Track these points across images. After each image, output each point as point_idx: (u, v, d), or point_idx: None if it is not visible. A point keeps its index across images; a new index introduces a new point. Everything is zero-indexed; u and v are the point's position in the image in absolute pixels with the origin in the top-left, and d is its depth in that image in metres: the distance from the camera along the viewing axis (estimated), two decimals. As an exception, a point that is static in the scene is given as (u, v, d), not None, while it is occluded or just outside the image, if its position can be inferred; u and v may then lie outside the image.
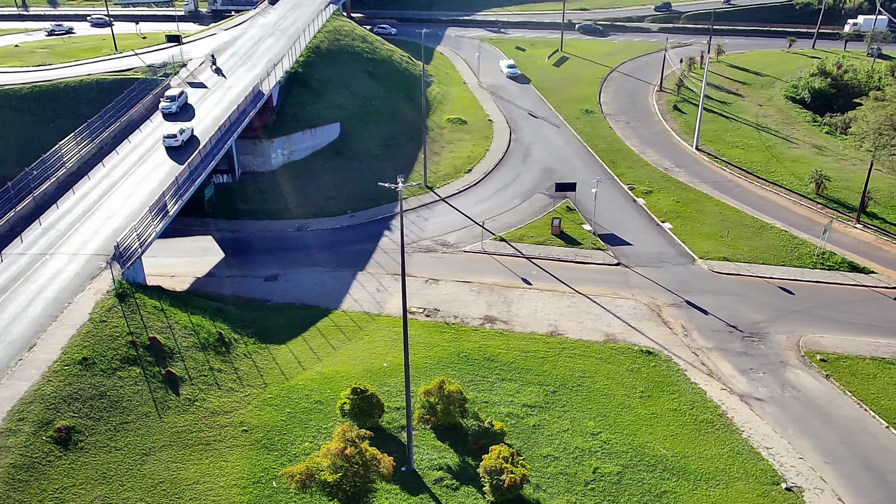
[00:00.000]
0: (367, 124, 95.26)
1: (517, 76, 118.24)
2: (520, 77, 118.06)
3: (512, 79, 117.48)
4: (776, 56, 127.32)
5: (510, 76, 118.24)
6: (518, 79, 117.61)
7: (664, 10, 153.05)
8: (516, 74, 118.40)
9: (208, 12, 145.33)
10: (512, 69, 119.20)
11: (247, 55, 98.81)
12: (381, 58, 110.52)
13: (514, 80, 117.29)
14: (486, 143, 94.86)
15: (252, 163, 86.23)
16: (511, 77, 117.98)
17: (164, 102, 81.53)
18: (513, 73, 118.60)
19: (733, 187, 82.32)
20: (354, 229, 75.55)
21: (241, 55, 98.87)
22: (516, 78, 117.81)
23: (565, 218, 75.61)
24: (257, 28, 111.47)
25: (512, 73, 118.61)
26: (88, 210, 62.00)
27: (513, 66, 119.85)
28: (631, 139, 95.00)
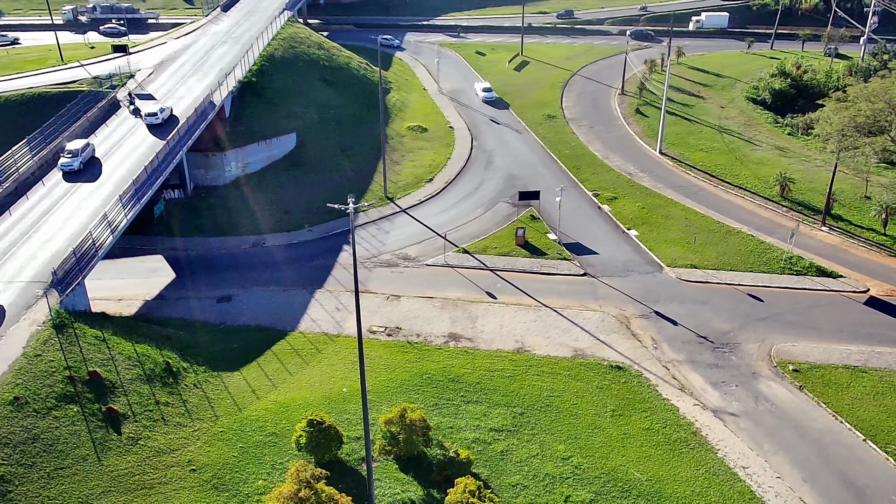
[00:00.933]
0: (325, 134, 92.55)
1: (494, 101, 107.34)
2: (498, 102, 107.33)
3: (489, 104, 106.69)
4: (736, 57, 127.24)
5: (487, 101, 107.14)
6: (496, 104, 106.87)
7: (567, 17, 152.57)
8: (493, 99, 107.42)
9: (87, 20, 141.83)
10: (488, 93, 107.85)
11: (198, 64, 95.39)
12: (339, 65, 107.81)
13: (491, 104, 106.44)
14: (448, 150, 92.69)
15: (205, 177, 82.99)
16: (488, 102, 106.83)
17: (64, 158, 68.49)
18: (489, 97, 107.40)
19: (698, 191, 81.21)
20: (312, 244, 72.78)
21: (193, 64, 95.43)
22: (494, 103, 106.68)
23: (530, 227, 73.73)
24: (209, 36, 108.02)
25: (488, 97, 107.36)
26: (26, 233, 58.39)
27: (489, 90, 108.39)
28: (594, 144, 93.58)
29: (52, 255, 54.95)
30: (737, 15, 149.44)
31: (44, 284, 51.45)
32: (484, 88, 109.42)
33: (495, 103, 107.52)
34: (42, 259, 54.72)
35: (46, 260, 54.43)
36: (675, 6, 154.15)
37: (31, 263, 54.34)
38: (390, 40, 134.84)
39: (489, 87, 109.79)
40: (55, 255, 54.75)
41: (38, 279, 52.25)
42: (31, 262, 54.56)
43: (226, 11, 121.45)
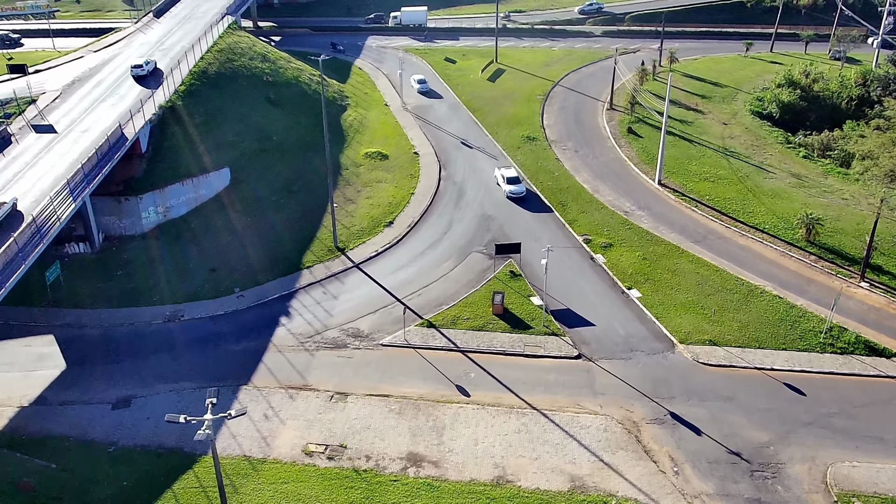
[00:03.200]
0: (266, 166, 78.49)
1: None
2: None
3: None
4: (732, 62, 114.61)
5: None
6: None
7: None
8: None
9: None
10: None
11: (115, 85, 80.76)
12: (286, 80, 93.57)
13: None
14: (412, 183, 79.04)
15: (117, 225, 68.77)
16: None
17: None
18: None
19: (707, 234, 68.39)
20: (242, 316, 58.98)
21: (108, 85, 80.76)
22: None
23: (509, 288, 60.53)
24: (135, 48, 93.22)
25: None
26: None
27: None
28: (581, 173, 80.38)
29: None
30: (730, 13, 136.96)
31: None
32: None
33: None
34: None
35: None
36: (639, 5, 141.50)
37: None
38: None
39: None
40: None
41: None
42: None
43: (159, 17, 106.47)
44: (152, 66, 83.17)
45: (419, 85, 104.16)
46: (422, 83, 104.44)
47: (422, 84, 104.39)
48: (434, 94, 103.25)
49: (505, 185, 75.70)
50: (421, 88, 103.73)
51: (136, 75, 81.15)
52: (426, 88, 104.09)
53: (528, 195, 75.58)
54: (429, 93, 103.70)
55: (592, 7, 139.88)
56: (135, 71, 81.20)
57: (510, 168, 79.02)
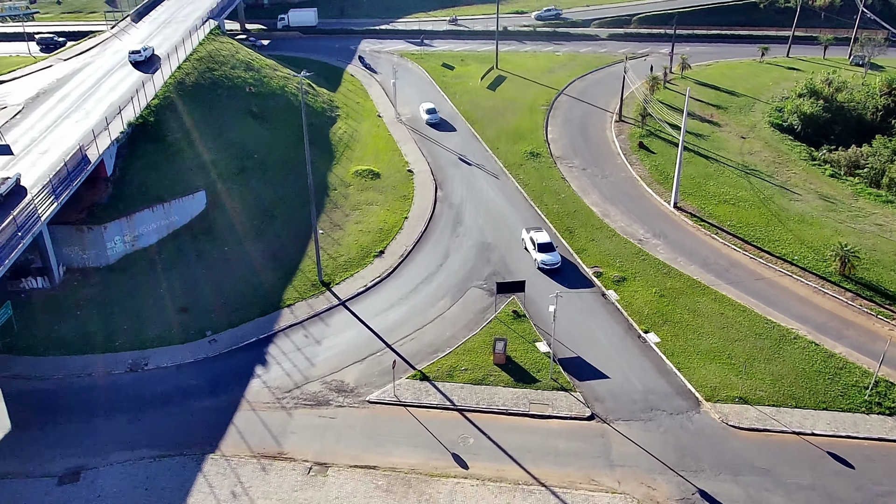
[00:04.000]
0: (246, 188, 72.10)
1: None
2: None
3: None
4: (747, 67, 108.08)
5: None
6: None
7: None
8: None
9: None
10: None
11: (83, 98, 74.29)
12: (271, 90, 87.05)
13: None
14: (405, 205, 72.61)
15: (80, 257, 62.33)
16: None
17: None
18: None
19: (730, 267, 61.99)
20: (213, 365, 52.58)
21: (75, 99, 74.24)
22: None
23: (512, 332, 54.21)
24: (109, 56, 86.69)
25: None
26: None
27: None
28: (590, 194, 73.93)
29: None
30: (742, 14, 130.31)
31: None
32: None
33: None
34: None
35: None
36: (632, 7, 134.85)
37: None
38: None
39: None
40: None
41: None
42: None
43: (137, 22, 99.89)
44: (150, 53, 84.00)
45: (428, 115, 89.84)
46: (431, 113, 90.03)
47: (431, 114, 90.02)
48: (446, 126, 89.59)
49: (535, 252, 62.05)
50: (430, 119, 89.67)
51: (134, 61, 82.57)
52: (436, 119, 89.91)
53: (532, 213, 69.22)
54: (439, 124, 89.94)
55: (550, 13, 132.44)
56: (132, 57, 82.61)
57: (541, 231, 64.25)
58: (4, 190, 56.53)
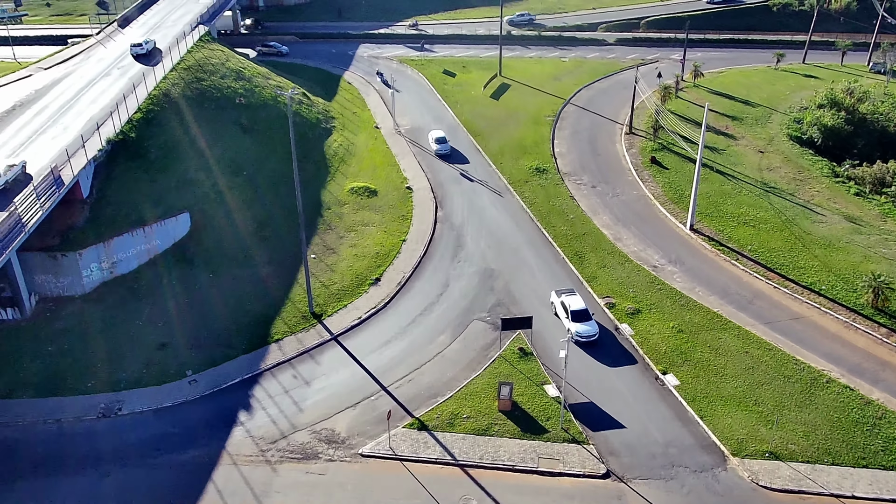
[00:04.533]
0: (234, 207, 67.64)
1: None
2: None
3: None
4: (763, 75, 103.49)
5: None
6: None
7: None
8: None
9: None
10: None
11: (61, 111, 69.80)
12: (262, 101, 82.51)
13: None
14: (403, 227, 68.20)
15: (54, 285, 57.99)
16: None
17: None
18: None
19: (753, 298, 57.51)
20: (193, 409, 48.26)
21: (54, 112, 69.75)
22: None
23: (518, 373, 49.86)
24: (92, 64, 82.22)
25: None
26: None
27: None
28: (600, 214, 69.44)
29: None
30: (754, 17, 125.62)
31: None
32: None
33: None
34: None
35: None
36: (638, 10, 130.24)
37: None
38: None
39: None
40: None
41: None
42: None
43: (124, 27, 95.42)
44: (151, 46, 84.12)
45: (438, 146, 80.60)
46: (441, 142, 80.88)
47: (441, 144, 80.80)
48: (459, 158, 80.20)
49: (569, 321, 53.07)
50: (440, 150, 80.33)
51: (136, 54, 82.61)
52: (447, 150, 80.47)
53: (538, 236, 64.82)
54: (450, 155, 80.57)
55: (523, 18, 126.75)
56: (134, 50, 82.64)
57: (574, 294, 54.94)
58: (11, 177, 55.77)
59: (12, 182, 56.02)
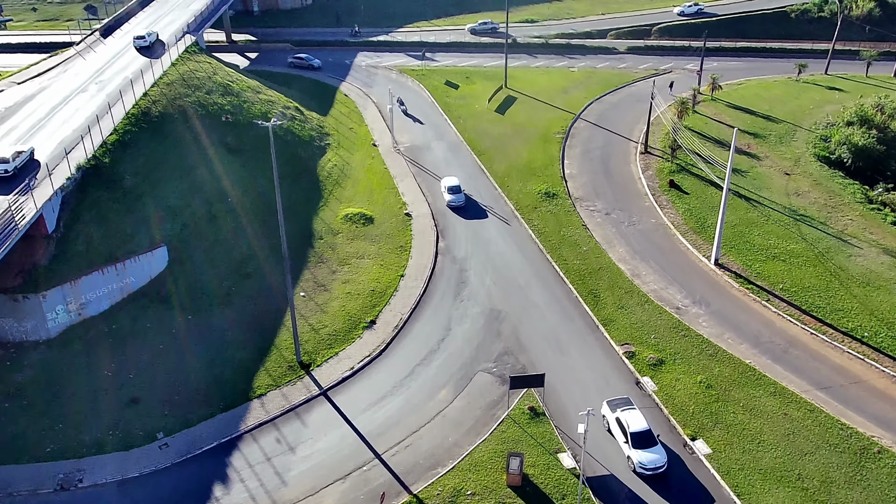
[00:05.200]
0: (217, 238, 62.16)
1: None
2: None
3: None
4: (784, 87, 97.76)
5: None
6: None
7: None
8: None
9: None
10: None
11: (30, 133, 64.25)
12: (252, 118, 76.88)
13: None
14: (401, 259, 62.66)
15: (16, 329, 52.61)
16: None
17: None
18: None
19: (789, 347, 51.90)
20: (162, 481, 42.76)
21: (23, 134, 64.15)
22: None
23: (528, 437, 44.36)
24: (69, 78, 76.59)
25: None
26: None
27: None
28: (616, 246, 63.84)
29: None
30: (772, 25, 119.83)
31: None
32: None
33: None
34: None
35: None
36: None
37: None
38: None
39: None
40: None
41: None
42: None
43: (106, 37, 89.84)
44: (154, 38, 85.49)
45: (452, 196, 69.04)
46: (454, 192, 69.24)
47: (455, 194, 69.20)
48: (477, 212, 68.81)
49: (629, 447, 42.62)
50: (454, 201, 68.94)
51: (139, 46, 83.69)
52: (460, 201, 68.92)
53: (549, 271, 59.25)
54: (464, 207, 69.08)
55: (486, 27, 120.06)
56: (137, 42, 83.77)
57: (632, 408, 44.23)
58: (19, 163, 56.39)
59: (21, 168, 56.51)
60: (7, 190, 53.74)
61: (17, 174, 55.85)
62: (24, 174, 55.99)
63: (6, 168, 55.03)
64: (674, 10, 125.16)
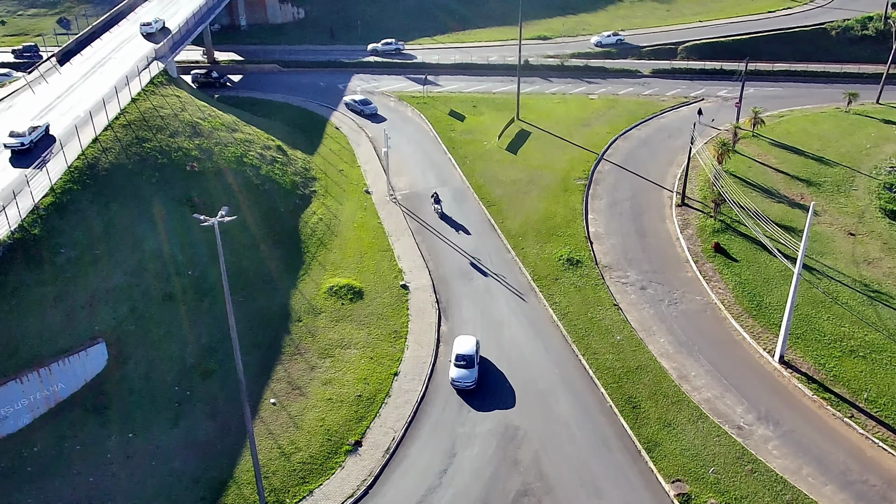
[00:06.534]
0: (171, 326, 51.12)
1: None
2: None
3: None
4: (833, 120, 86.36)
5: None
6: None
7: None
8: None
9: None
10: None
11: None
12: (223, 164, 65.94)
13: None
14: (395, 350, 51.63)
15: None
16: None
17: None
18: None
19: (887, 489, 40.68)
20: None
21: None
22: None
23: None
24: (9, 119, 65.48)
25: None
26: None
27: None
28: (656, 334, 52.68)
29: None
30: (810, 43, 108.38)
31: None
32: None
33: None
34: None
35: None
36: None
37: None
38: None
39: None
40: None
41: None
42: None
43: (63, 64, 78.77)
44: (161, 25, 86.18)
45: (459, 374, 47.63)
46: (464, 365, 47.82)
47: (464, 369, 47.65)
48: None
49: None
50: (460, 381, 47.45)
51: (146, 33, 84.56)
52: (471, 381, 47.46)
53: (575, 368, 48.14)
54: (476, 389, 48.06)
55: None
56: (143, 29, 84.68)
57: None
58: (36, 137, 58.14)
59: (37, 142, 58.25)
60: (24, 163, 55.56)
61: (33, 148, 57.59)
62: (40, 150, 57.55)
63: (22, 141, 56.81)
64: (590, 40, 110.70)
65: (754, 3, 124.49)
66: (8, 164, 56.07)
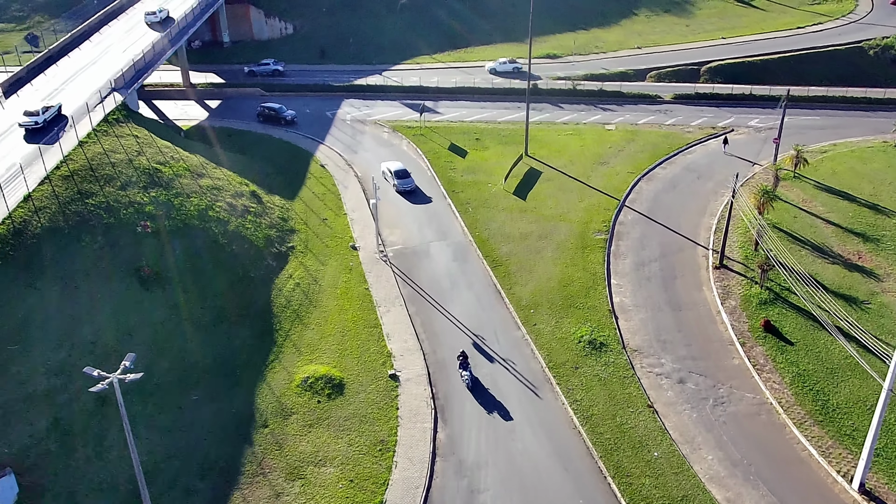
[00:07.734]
0: (102, 443, 41.36)
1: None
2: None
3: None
4: (883, 157, 76.42)
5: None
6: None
7: None
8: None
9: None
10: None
11: None
12: (181, 223, 56.13)
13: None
14: (380, 469, 41.83)
15: None
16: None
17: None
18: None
19: None
20: None
21: None
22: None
23: None
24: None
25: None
26: None
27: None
28: (702, 449, 42.85)
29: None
30: (845, 63, 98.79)
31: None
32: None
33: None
34: None
35: None
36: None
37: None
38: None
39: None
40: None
41: None
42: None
43: (8, 97, 69.01)
44: (165, 14, 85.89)
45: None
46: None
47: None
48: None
49: None
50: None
51: (150, 22, 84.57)
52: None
53: (600, 491, 38.44)
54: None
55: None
56: (148, 18, 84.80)
57: None
58: (49, 116, 60.17)
59: (49, 121, 60.20)
60: (38, 139, 57.63)
61: (46, 126, 59.78)
62: (51, 128, 59.45)
63: (36, 120, 59.20)
64: (485, 67, 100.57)
65: (782, 16, 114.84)
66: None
